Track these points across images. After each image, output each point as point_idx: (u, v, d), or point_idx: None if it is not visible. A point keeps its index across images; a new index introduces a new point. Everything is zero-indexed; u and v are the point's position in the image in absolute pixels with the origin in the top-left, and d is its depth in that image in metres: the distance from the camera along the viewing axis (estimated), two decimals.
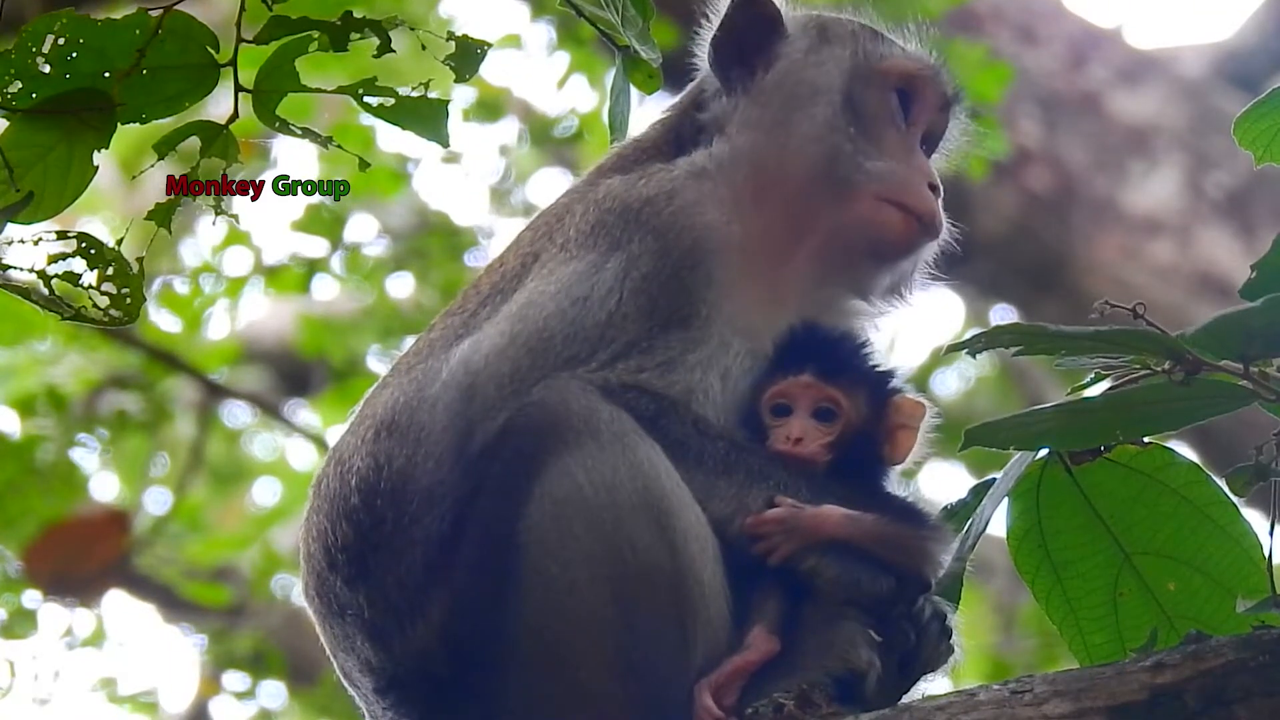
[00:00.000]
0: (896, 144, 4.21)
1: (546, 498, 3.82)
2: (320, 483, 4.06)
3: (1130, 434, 3.82)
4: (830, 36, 4.27)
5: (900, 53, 4.27)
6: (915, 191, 4.17)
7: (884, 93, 4.23)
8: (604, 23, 3.97)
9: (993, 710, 3.60)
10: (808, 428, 3.94)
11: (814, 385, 3.95)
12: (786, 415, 3.96)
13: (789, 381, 3.96)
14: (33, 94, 3.69)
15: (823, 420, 3.95)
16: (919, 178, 4.19)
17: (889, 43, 4.30)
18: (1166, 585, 3.92)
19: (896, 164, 4.18)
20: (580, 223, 4.12)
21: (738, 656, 3.82)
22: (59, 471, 10.32)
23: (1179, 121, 10.31)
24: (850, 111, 4.19)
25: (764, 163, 4.16)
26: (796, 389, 3.96)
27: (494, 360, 3.98)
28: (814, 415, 3.95)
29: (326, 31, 3.75)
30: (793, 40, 4.25)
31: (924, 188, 4.19)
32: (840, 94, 4.20)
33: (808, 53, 4.24)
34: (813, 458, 3.92)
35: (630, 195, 4.11)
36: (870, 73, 4.23)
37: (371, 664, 3.94)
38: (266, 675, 11.19)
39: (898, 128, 4.23)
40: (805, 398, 3.96)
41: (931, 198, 4.19)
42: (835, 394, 3.95)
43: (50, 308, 3.72)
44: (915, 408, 4.00)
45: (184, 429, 11.57)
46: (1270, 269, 3.57)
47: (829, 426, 3.95)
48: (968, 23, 10.17)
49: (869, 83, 4.22)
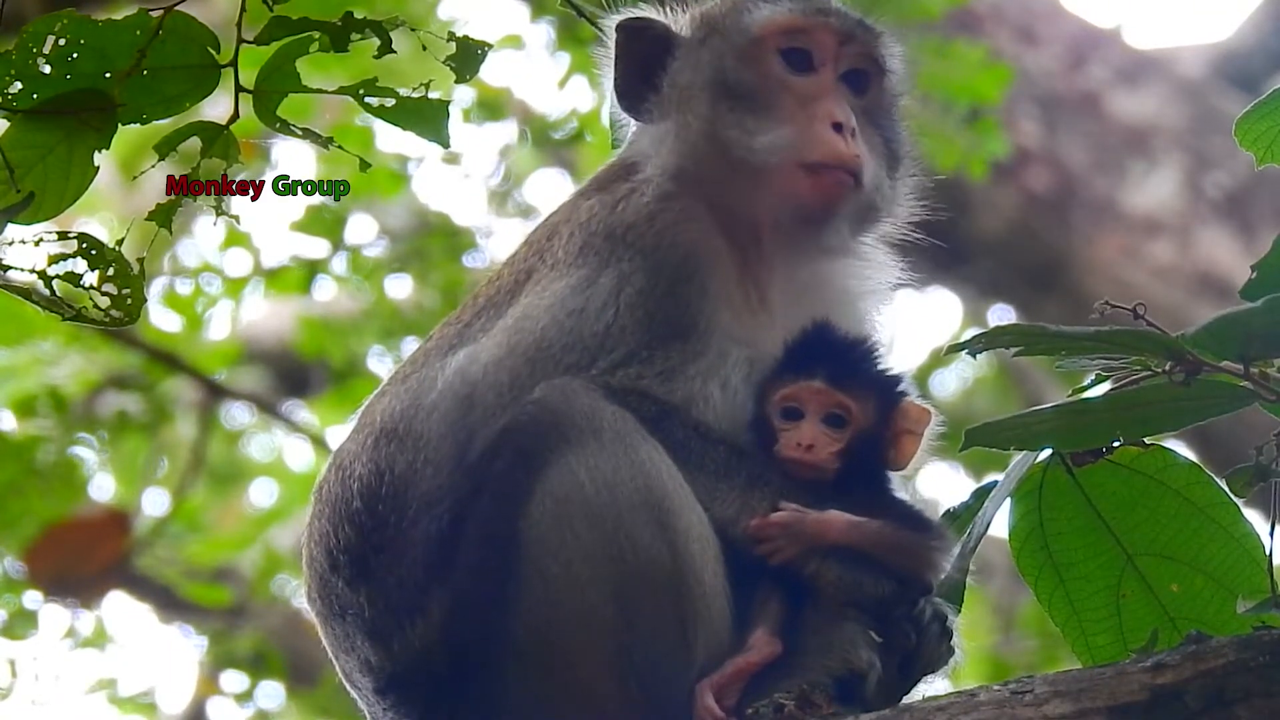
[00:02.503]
0: (794, 103, 4.12)
1: (547, 495, 3.82)
2: (322, 488, 4.08)
3: (1131, 435, 3.82)
4: (708, 29, 4.21)
5: (766, 13, 4.17)
6: (814, 143, 4.08)
7: (763, 59, 4.15)
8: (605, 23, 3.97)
9: (993, 711, 3.60)
10: (818, 434, 3.92)
11: (825, 391, 3.94)
12: (796, 419, 3.94)
13: (800, 385, 3.95)
14: (33, 94, 3.70)
15: (833, 426, 3.93)
16: (818, 127, 4.10)
17: (759, 7, 4.19)
18: (1169, 586, 3.92)
19: (791, 124, 4.10)
20: (568, 244, 4.13)
21: (739, 658, 3.81)
22: (60, 472, 10.32)
23: (1178, 122, 10.31)
24: (729, 96, 4.13)
25: (696, 174, 4.13)
26: (807, 393, 3.94)
27: (492, 370, 3.99)
28: (824, 421, 3.94)
29: (327, 32, 3.75)
30: (682, 49, 4.20)
31: (825, 134, 4.09)
32: (714, 83, 4.14)
33: (686, 56, 4.19)
34: (822, 466, 3.91)
35: (612, 220, 4.11)
36: (740, 48, 4.16)
37: (372, 664, 3.94)
38: (267, 676, 11.20)
39: (794, 84, 4.14)
40: (816, 403, 3.94)
41: (835, 140, 4.08)
42: (846, 401, 3.94)
43: (51, 308, 3.72)
44: (921, 414, 3.98)
45: (184, 430, 11.57)
46: (1270, 269, 3.57)
47: (839, 433, 3.93)
48: (968, 23, 10.17)
49: (743, 57, 4.15)
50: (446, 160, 11.19)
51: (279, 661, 11.07)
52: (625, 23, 4.21)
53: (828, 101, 4.13)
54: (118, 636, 11.44)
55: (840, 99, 4.15)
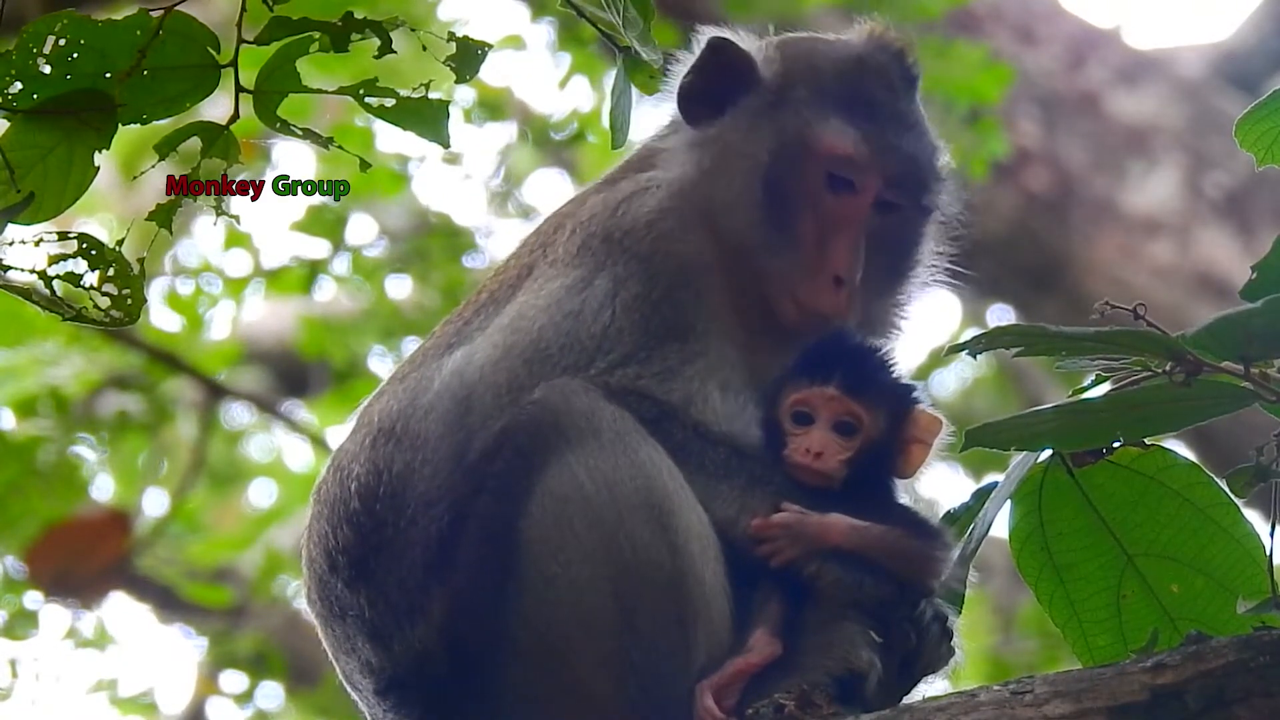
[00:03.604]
0: (816, 228, 4.08)
1: (547, 495, 3.82)
2: (321, 488, 4.07)
3: (1131, 435, 3.81)
4: (784, 98, 4.15)
5: (833, 134, 4.10)
6: (811, 291, 4.05)
7: (811, 168, 4.09)
8: (605, 24, 3.96)
9: (993, 711, 3.59)
10: (828, 441, 3.91)
11: (838, 399, 3.92)
12: (806, 424, 3.93)
13: (813, 391, 3.93)
14: (33, 94, 3.69)
15: (843, 434, 3.92)
16: (821, 276, 4.05)
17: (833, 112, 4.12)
18: (1169, 587, 3.91)
19: (801, 258, 4.06)
20: (568, 242, 4.12)
21: (739, 658, 3.81)
22: (60, 472, 10.31)
23: (1178, 122, 10.31)
24: (768, 190, 4.08)
25: (704, 210, 4.10)
26: (820, 400, 3.93)
27: (489, 371, 3.98)
28: (834, 428, 3.92)
29: (327, 32, 3.75)
30: (756, 93, 4.16)
31: (824, 286, 4.06)
32: (760, 174, 4.09)
33: (754, 114, 4.14)
34: (829, 473, 3.90)
35: (611, 223, 4.10)
36: (798, 150, 4.10)
37: (372, 665, 3.94)
38: (267, 676, 11.19)
39: (827, 204, 4.08)
40: (828, 410, 3.93)
41: (829, 297, 4.05)
42: (858, 409, 3.92)
43: (51, 309, 3.71)
44: (932, 423, 3.97)
45: (185, 430, 11.56)
46: (1270, 270, 3.56)
47: (848, 441, 3.92)
48: (967, 23, 10.17)
49: (795, 159, 4.09)
50: (447, 160, 11.19)
51: (279, 662, 11.07)
52: (719, 42, 4.17)
53: (844, 242, 4.08)
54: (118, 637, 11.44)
55: (859, 237, 4.09)
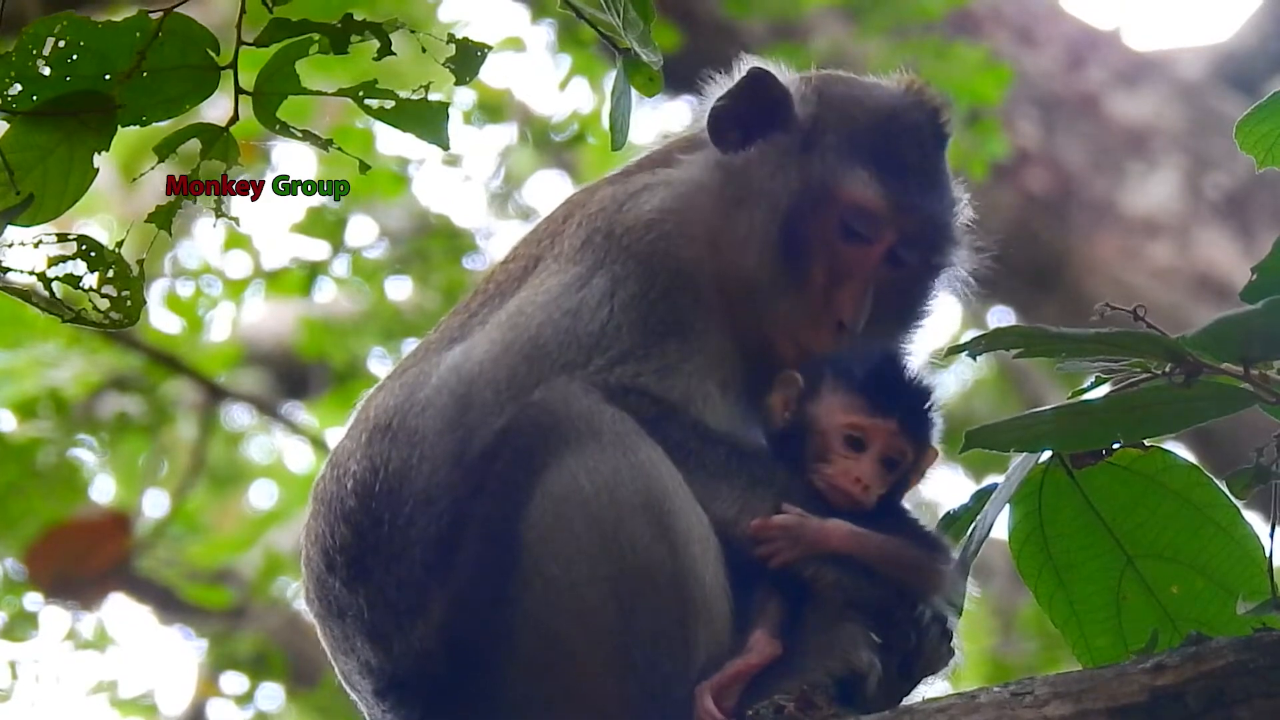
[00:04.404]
0: (825, 275, 4.06)
1: (547, 496, 3.81)
2: (318, 487, 4.07)
3: (1131, 436, 3.80)
4: (815, 141, 4.13)
5: (857, 186, 4.08)
6: (812, 334, 4.04)
7: (829, 215, 4.07)
8: (605, 25, 3.95)
9: (993, 712, 3.59)
10: (876, 473, 3.92)
11: (898, 437, 3.93)
12: (858, 450, 3.92)
13: (875, 421, 3.93)
14: (33, 96, 3.68)
15: (887, 469, 3.93)
16: (824, 321, 4.04)
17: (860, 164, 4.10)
18: (1169, 588, 3.90)
19: (810, 295, 4.05)
20: (573, 236, 4.12)
21: (739, 659, 3.81)
22: (60, 474, 10.31)
23: (1178, 123, 10.30)
24: (784, 231, 4.06)
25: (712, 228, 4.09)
26: (879, 433, 3.93)
27: (489, 368, 3.98)
28: (883, 460, 3.93)
29: (327, 34, 3.74)
30: (787, 131, 4.13)
31: (826, 329, 4.05)
32: (780, 214, 4.07)
33: (783, 153, 4.12)
34: (865, 504, 3.91)
35: (615, 219, 4.09)
36: (820, 193, 4.07)
37: (371, 666, 3.94)
38: (268, 677, 11.18)
39: (839, 252, 4.07)
40: (884, 443, 3.93)
41: (829, 340, 4.04)
42: (909, 450, 3.94)
43: (51, 310, 3.70)
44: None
45: (185, 431, 11.56)
46: (1270, 271, 3.55)
47: (889, 475, 3.93)
48: (966, 25, 10.16)
49: (816, 202, 4.07)
50: (447, 162, 11.19)
51: (280, 663, 11.06)
52: (759, 73, 4.14)
53: (852, 289, 4.07)
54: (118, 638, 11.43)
55: (867, 285, 4.08)
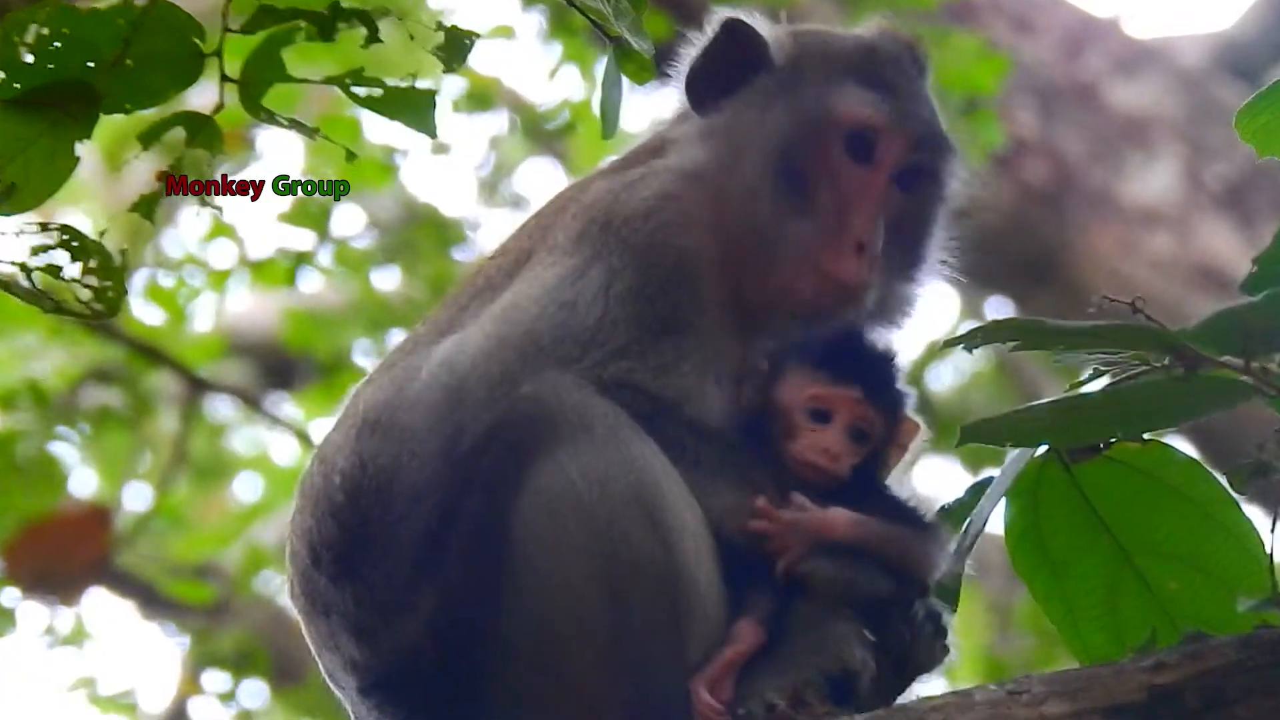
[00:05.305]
0: (836, 198, 4.06)
1: (539, 492, 3.79)
2: (305, 481, 4.04)
3: (1129, 430, 3.80)
4: (799, 76, 4.13)
5: (851, 101, 4.09)
6: (833, 259, 4.03)
7: (829, 138, 4.08)
8: (596, 13, 3.93)
9: (989, 711, 3.59)
10: (844, 444, 3.90)
11: (862, 404, 3.91)
12: (823, 422, 3.91)
13: (836, 391, 3.91)
14: (16, 85, 3.66)
15: (856, 440, 3.91)
16: (843, 242, 4.03)
17: (851, 84, 4.11)
18: (1167, 584, 3.90)
19: (824, 223, 4.04)
20: (569, 227, 4.09)
21: (727, 649, 3.79)
22: (40, 467, 10.28)
23: (1177, 112, 10.30)
24: (785, 166, 4.06)
25: (714, 198, 4.07)
26: (842, 402, 3.91)
27: (481, 362, 3.95)
28: (849, 431, 3.91)
29: (314, 21, 3.73)
30: (769, 73, 4.13)
31: (846, 253, 4.03)
32: (777, 149, 4.07)
33: (768, 93, 4.12)
34: (839, 476, 3.89)
35: (612, 210, 4.07)
36: (816, 121, 4.08)
37: (356, 662, 3.91)
38: (251, 674, 11.15)
39: (847, 173, 4.07)
40: (848, 413, 3.91)
41: (851, 265, 4.03)
42: (875, 418, 3.92)
43: (32, 301, 3.69)
44: (914, 429, 3.99)
45: (167, 424, 11.52)
46: (1271, 263, 3.55)
47: (859, 447, 3.91)
48: (964, 13, 10.16)
49: (813, 131, 4.07)
50: (436, 151, 11.18)
51: (263, 660, 11.03)
52: (734, 23, 4.15)
53: (865, 212, 4.05)
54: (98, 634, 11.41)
55: (879, 208, 4.07)
